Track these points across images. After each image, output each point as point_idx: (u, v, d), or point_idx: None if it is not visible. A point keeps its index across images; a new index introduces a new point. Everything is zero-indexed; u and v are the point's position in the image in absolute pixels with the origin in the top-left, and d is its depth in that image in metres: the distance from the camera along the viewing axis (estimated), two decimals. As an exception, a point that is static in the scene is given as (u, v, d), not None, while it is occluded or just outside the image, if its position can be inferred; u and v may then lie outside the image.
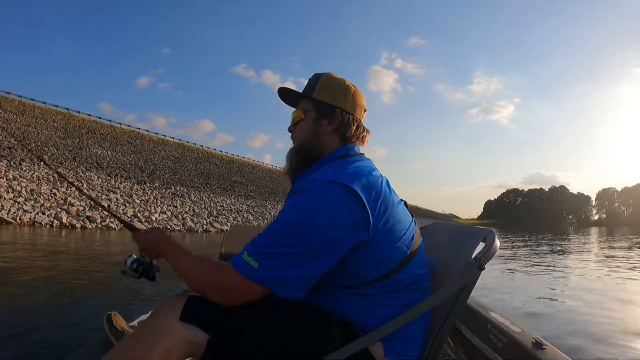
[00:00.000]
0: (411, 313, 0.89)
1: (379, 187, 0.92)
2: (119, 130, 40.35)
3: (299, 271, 0.87)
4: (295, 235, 0.87)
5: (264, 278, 0.87)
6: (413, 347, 0.94)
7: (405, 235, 0.95)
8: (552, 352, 1.24)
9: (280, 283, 0.88)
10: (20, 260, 6.55)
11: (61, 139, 29.26)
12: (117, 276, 5.55)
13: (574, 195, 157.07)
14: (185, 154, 40.79)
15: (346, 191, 0.87)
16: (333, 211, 0.87)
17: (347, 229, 0.87)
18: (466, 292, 0.92)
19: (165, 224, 19.30)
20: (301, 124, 1.08)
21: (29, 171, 19.49)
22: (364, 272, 0.92)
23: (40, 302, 3.73)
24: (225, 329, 0.88)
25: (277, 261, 0.87)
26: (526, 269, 8.62)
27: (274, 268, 0.87)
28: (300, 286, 0.88)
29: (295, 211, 0.90)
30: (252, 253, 0.89)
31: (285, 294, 0.88)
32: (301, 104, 1.10)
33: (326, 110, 1.05)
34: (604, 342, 3.27)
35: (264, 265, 0.87)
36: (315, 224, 0.86)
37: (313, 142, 1.06)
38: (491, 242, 0.96)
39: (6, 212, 14.15)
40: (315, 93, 1.06)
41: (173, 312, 0.89)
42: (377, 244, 0.90)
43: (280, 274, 0.87)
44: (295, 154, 1.09)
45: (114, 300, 4.02)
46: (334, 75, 1.10)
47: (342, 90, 1.07)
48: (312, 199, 0.88)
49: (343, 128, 1.05)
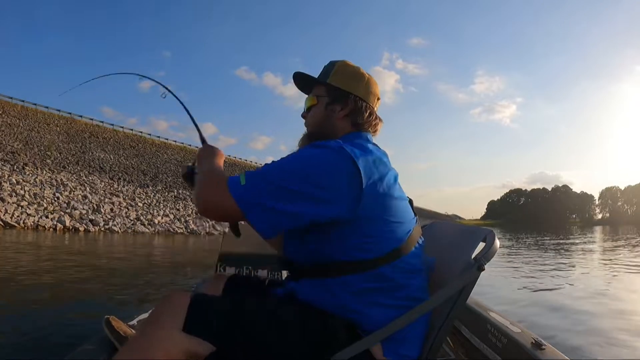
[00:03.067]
0: (411, 314, 0.89)
1: (383, 173, 0.93)
2: (121, 134, 40.48)
3: (281, 205, 0.86)
4: (291, 174, 0.87)
5: (242, 196, 0.87)
6: (412, 348, 0.94)
7: (400, 228, 0.95)
8: (551, 352, 1.24)
9: (256, 208, 0.87)
10: (22, 262, 6.58)
11: (64, 143, 29.38)
12: (117, 277, 5.57)
13: (577, 194, 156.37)
14: (188, 157, 40.81)
15: (348, 160, 0.88)
16: (333, 171, 0.87)
17: (337, 195, 0.87)
18: (466, 292, 0.92)
19: (168, 226, 19.33)
20: (314, 109, 1.10)
21: (32, 175, 19.58)
22: (348, 249, 0.92)
23: (41, 302, 3.74)
24: (231, 338, 0.86)
25: (265, 186, 0.87)
26: (527, 269, 8.59)
27: (260, 192, 0.87)
28: (274, 221, 0.88)
29: (298, 157, 0.92)
30: (248, 174, 0.90)
31: (256, 222, 0.88)
32: (315, 90, 1.11)
33: (339, 96, 1.06)
34: (604, 342, 3.26)
35: (251, 185, 0.88)
36: (313, 173, 0.87)
37: (325, 126, 1.07)
38: (491, 242, 0.96)
39: (10, 215, 14.22)
40: (330, 79, 1.07)
41: (175, 320, 0.84)
42: (362, 225, 0.90)
43: (261, 199, 0.86)
44: (307, 139, 1.10)
45: (114, 301, 4.03)
46: (349, 62, 1.10)
47: (356, 77, 1.08)
48: (318, 153, 0.90)
49: (355, 114, 1.06)
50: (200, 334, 0.84)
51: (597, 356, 2.91)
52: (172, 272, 6.84)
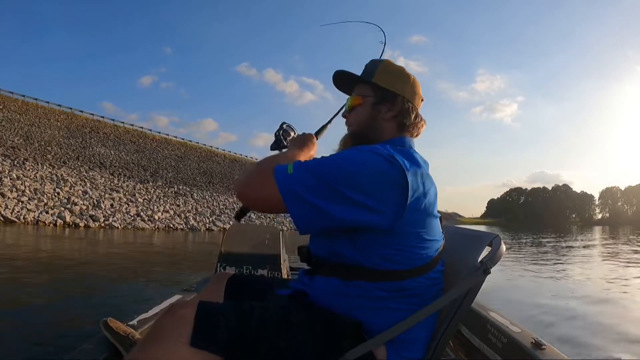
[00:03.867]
0: (416, 316, 0.88)
1: (427, 189, 0.91)
2: (121, 129, 40.47)
3: (325, 204, 0.84)
4: (341, 175, 0.85)
5: (286, 184, 0.85)
6: (416, 350, 0.93)
7: (433, 245, 0.94)
8: (551, 352, 1.24)
9: (298, 200, 0.84)
10: (23, 259, 6.59)
11: (64, 139, 29.40)
12: (117, 274, 5.58)
13: (577, 194, 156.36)
14: (188, 153, 40.87)
15: (399, 172, 0.86)
16: (383, 181, 0.85)
17: (383, 205, 0.85)
18: (471, 295, 0.92)
19: (168, 222, 19.37)
20: (358, 109, 1.06)
21: (33, 170, 19.59)
22: (375, 257, 0.90)
23: (41, 301, 3.76)
24: (240, 349, 0.83)
25: (312, 181, 0.84)
26: (528, 268, 8.60)
27: (306, 186, 0.84)
28: (314, 218, 0.85)
29: (349, 158, 0.88)
30: (296, 164, 0.88)
31: (296, 213, 0.85)
32: (358, 89, 1.07)
33: (386, 97, 1.03)
34: (604, 341, 3.26)
35: (298, 176, 0.85)
36: (363, 179, 0.84)
37: (370, 127, 1.03)
38: (497, 247, 0.96)
39: (10, 211, 14.24)
40: (375, 78, 1.04)
41: (182, 334, 0.80)
42: (397, 237, 0.89)
43: (306, 193, 0.84)
44: (350, 138, 1.06)
45: (114, 299, 4.04)
46: (392, 62, 1.08)
47: (403, 78, 1.05)
48: (370, 159, 0.87)
49: (402, 115, 1.03)
50: (208, 348, 0.81)
51: (597, 356, 2.92)
52: (172, 269, 6.85)
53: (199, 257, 9.14)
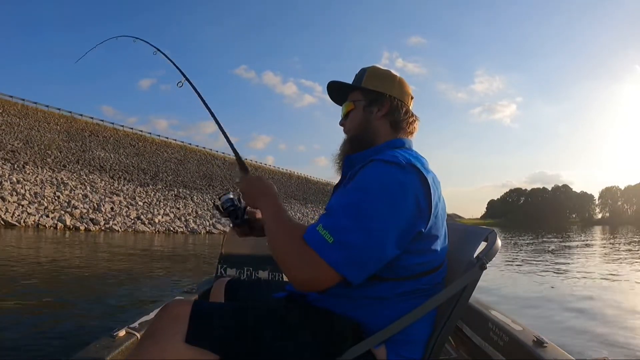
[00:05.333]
0: (414, 314, 0.89)
1: (439, 193, 0.95)
2: (121, 132, 40.49)
3: (374, 252, 0.83)
4: (374, 205, 0.84)
5: (339, 260, 0.81)
6: (415, 350, 0.94)
7: (442, 246, 0.96)
8: (553, 350, 1.24)
9: (353, 264, 0.82)
10: (23, 262, 6.58)
11: (64, 142, 29.40)
12: (118, 278, 5.58)
13: (577, 194, 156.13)
14: (188, 156, 40.88)
15: (423, 178, 0.89)
16: (411, 191, 0.86)
17: (417, 214, 0.86)
18: (468, 291, 0.92)
19: (168, 225, 19.35)
20: (352, 114, 1.12)
21: (33, 174, 19.60)
22: (397, 268, 0.90)
23: (44, 305, 3.75)
24: (236, 347, 0.84)
25: (354, 237, 0.82)
26: (529, 268, 8.60)
27: (350, 245, 0.81)
28: (371, 267, 0.84)
29: (376, 178, 0.87)
30: (325, 223, 0.84)
31: (354, 277, 0.83)
32: (350, 96, 1.13)
33: (375, 98, 1.09)
34: (604, 341, 3.26)
35: (342, 241, 0.82)
36: (394, 198, 0.84)
37: (365, 129, 1.08)
38: (493, 242, 0.97)
39: (10, 214, 14.24)
40: (364, 83, 1.10)
41: (177, 331, 0.82)
42: (422, 243, 0.90)
43: (354, 253, 0.82)
44: (349, 142, 1.11)
45: (115, 302, 4.03)
46: (378, 66, 1.15)
47: (388, 78, 1.11)
48: (394, 172, 0.87)
49: (392, 113, 1.08)
50: (204, 345, 0.82)
51: (598, 355, 2.91)
52: (172, 273, 6.85)
53: (199, 259, 9.13)
